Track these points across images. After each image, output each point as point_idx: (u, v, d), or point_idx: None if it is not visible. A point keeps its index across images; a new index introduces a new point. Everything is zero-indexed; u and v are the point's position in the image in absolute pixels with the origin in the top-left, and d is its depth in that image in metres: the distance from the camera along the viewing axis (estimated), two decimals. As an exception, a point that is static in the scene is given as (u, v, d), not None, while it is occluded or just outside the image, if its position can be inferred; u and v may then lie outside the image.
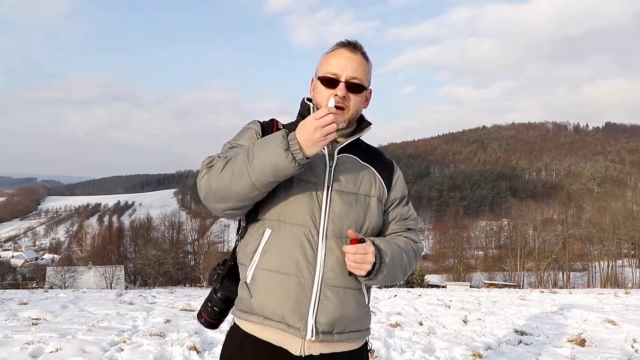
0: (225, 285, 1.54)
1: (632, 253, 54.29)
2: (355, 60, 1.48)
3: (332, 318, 1.41)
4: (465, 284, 46.60)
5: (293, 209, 1.42)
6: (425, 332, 5.93)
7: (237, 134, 1.55)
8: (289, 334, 1.40)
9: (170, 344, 4.55)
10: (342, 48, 1.50)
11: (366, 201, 1.51)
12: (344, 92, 1.46)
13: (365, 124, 1.57)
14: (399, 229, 1.60)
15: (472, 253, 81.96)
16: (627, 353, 5.08)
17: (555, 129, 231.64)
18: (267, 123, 1.56)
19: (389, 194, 1.58)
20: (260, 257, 1.43)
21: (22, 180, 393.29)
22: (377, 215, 1.53)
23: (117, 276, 42.23)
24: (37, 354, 4.12)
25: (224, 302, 1.55)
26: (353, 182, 1.49)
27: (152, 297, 8.75)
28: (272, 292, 1.40)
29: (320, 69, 1.52)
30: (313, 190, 1.44)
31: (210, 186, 1.38)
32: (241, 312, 1.46)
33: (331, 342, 1.43)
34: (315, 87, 1.54)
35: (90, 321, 5.71)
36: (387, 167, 1.61)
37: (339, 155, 1.51)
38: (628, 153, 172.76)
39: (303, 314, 1.38)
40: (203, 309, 1.57)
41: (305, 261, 1.40)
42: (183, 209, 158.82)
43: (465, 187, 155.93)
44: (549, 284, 45.19)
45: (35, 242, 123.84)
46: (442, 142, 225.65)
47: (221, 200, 1.38)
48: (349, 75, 1.46)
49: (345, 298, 1.43)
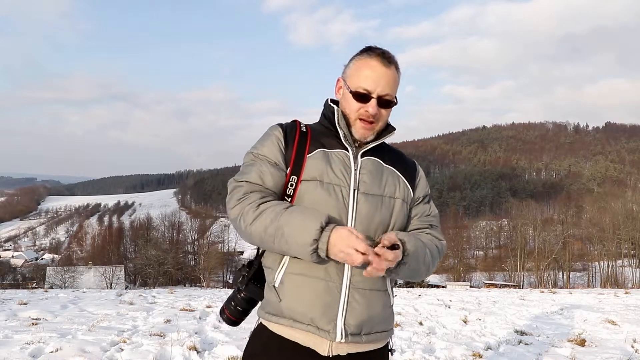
0: (250, 287, 1.55)
1: (632, 253, 54.27)
2: (389, 75, 1.47)
3: (360, 320, 1.44)
4: (465, 284, 46.60)
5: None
6: (425, 332, 5.93)
7: (259, 141, 1.56)
8: (318, 336, 1.42)
9: (170, 344, 4.55)
10: (375, 60, 1.47)
11: (391, 203, 1.52)
12: (376, 110, 1.47)
13: (390, 129, 1.58)
14: (422, 224, 1.61)
15: (472, 253, 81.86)
16: (627, 353, 5.08)
17: (555, 129, 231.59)
18: (289, 126, 1.56)
19: (413, 194, 1.60)
20: (289, 261, 1.44)
21: (22, 180, 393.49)
22: (403, 217, 1.55)
23: (117, 276, 42.20)
24: (37, 354, 4.11)
25: (247, 302, 1.56)
26: (378, 184, 1.51)
27: (152, 297, 8.76)
28: (301, 296, 1.42)
29: (352, 78, 1.50)
30: (339, 193, 1.45)
31: (238, 229, 1.46)
32: (270, 314, 1.48)
33: (359, 343, 1.46)
34: (344, 95, 1.53)
35: (90, 321, 5.71)
36: (410, 167, 1.63)
37: (362, 158, 1.52)
38: (628, 153, 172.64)
39: (332, 317, 1.41)
40: (226, 307, 1.59)
41: (334, 265, 1.41)
42: (183, 209, 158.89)
43: (465, 187, 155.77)
44: (549, 284, 45.20)
45: (35, 242, 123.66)
46: (442, 142, 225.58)
47: (246, 240, 1.49)
48: (382, 91, 1.46)
49: (372, 300, 1.46)
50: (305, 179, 1.46)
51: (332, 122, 1.54)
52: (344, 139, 1.51)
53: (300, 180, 1.47)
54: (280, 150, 1.50)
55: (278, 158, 1.49)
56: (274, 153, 1.50)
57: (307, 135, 1.53)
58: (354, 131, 1.51)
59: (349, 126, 1.52)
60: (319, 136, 1.54)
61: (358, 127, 1.49)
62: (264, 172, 1.47)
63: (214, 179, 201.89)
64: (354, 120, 1.50)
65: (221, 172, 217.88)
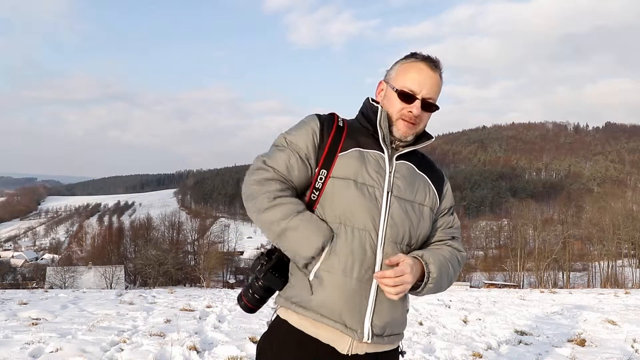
0: (269, 277, 1.53)
1: (632, 253, 54.26)
2: (434, 79, 1.50)
3: (385, 321, 1.46)
4: (465, 284, 46.55)
5: (354, 213, 1.44)
6: (425, 332, 5.93)
7: (295, 128, 1.55)
8: (343, 334, 1.43)
9: (170, 344, 4.55)
10: (422, 63, 1.50)
11: (420, 209, 1.54)
12: (419, 111, 1.48)
13: (427, 137, 1.59)
14: (445, 236, 1.63)
15: (472, 253, 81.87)
16: (627, 353, 5.08)
17: (555, 129, 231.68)
18: (327, 118, 1.55)
19: (440, 204, 1.61)
20: (325, 257, 1.44)
21: (22, 180, 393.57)
22: (429, 224, 1.57)
23: (117, 276, 42.21)
24: (37, 354, 4.11)
25: (265, 290, 1.55)
26: (410, 189, 1.52)
27: (152, 297, 8.75)
28: (334, 293, 1.42)
29: (397, 78, 1.52)
30: (373, 194, 1.46)
31: (246, 206, 1.51)
32: (296, 305, 1.47)
33: (379, 343, 1.47)
34: (388, 95, 1.54)
35: (90, 321, 5.70)
36: (439, 177, 1.64)
37: (397, 161, 1.52)
38: (628, 153, 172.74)
39: (361, 317, 1.43)
40: (244, 294, 1.57)
41: (368, 266, 1.43)
42: (183, 209, 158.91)
43: (465, 187, 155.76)
44: (549, 284, 45.17)
45: (35, 242, 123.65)
46: (442, 142, 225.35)
47: (250, 217, 1.53)
48: (426, 94, 1.48)
49: (396, 302, 1.49)
50: (338, 176, 1.46)
51: (370, 121, 1.54)
52: (382, 140, 1.51)
53: (329, 176, 1.47)
54: (313, 143, 1.49)
55: (309, 150, 1.49)
56: (307, 145, 1.49)
57: (344, 131, 1.52)
58: (394, 130, 1.51)
59: (389, 125, 1.52)
60: (355, 133, 1.53)
61: (400, 125, 1.50)
62: (292, 165, 1.48)
63: (214, 179, 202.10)
64: (396, 120, 1.50)
65: (221, 172, 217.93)
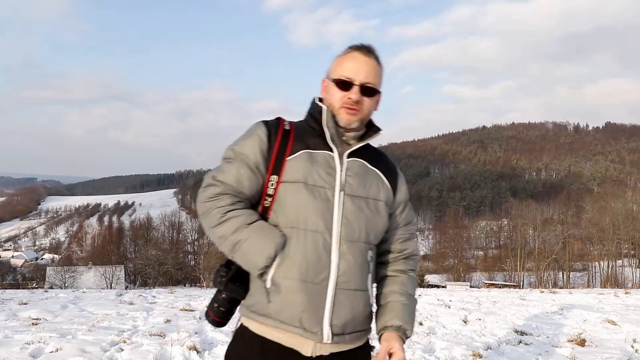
0: (230, 287, 1.52)
1: (632, 253, 54.28)
2: (370, 64, 1.50)
3: (345, 320, 1.44)
4: (465, 284, 46.62)
5: (307, 216, 1.43)
6: (425, 332, 5.93)
7: (242, 138, 1.54)
8: (303, 338, 1.42)
9: (170, 344, 4.55)
10: (356, 51, 1.52)
11: (375, 205, 1.53)
12: (359, 96, 1.48)
13: (375, 129, 1.58)
14: (404, 235, 1.63)
15: (472, 253, 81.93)
16: (627, 353, 5.08)
17: (555, 129, 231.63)
18: (273, 124, 1.54)
19: (394, 198, 1.61)
20: (278, 264, 1.43)
21: (22, 180, 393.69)
22: (385, 219, 1.56)
23: (117, 276, 42.19)
24: (37, 354, 4.12)
25: (229, 302, 1.54)
26: (363, 185, 1.51)
27: (152, 297, 8.76)
28: (290, 298, 1.41)
29: (334, 70, 1.53)
30: (324, 194, 1.45)
31: (202, 225, 1.52)
32: (255, 314, 1.47)
33: (342, 342, 1.46)
34: (328, 88, 1.54)
35: (90, 321, 5.71)
36: (392, 170, 1.63)
37: (348, 159, 1.52)
38: (628, 153, 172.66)
39: (320, 319, 1.41)
40: (210, 308, 1.56)
41: (322, 267, 1.42)
42: (183, 209, 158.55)
43: (465, 187, 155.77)
44: (549, 284, 45.19)
45: (35, 242, 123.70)
46: (442, 142, 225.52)
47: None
48: (363, 79, 1.48)
49: (356, 300, 1.47)
50: (288, 180, 1.45)
51: (318, 122, 1.52)
52: (330, 139, 1.50)
53: (280, 181, 1.46)
54: (261, 151, 1.48)
55: (258, 159, 1.47)
56: (255, 154, 1.48)
57: (290, 134, 1.51)
58: (338, 119, 1.49)
59: (334, 117, 1.51)
60: (303, 135, 1.52)
61: (342, 113, 1.49)
62: (242, 176, 1.47)
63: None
64: (338, 109, 1.49)
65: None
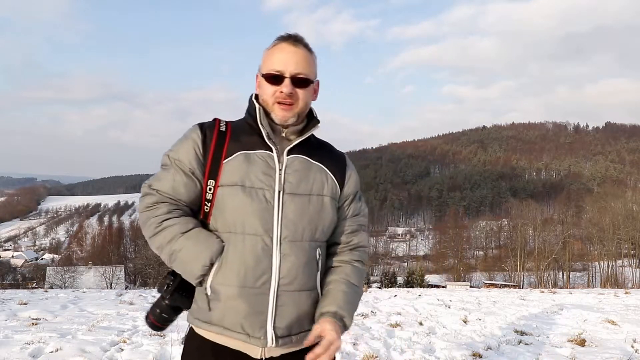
0: (176, 297, 1.50)
1: (632, 253, 54.35)
2: (299, 54, 1.43)
3: (289, 322, 1.41)
4: (465, 284, 46.59)
5: (244, 219, 1.39)
6: (425, 332, 5.92)
7: (177, 143, 1.49)
8: (249, 344, 1.40)
9: (170, 344, 4.55)
10: (283, 42, 1.45)
11: (319, 201, 1.47)
12: (291, 88, 1.41)
13: (315, 122, 1.51)
14: (352, 226, 1.58)
15: (472, 253, 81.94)
16: (627, 353, 5.08)
17: (555, 129, 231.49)
18: (208, 126, 1.48)
19: (342, 191, 1.55)
20: (216, 270, 1.40)
21: (22, 180, 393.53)
22: (332, 214, 1.50)
23: (117, 276, 42.17)
24: (37, 354, 4.12)
25: (172, 310, 1.52)
26: (305, 183, 1.46)
27: (152, 297, 8.75)
28: (231, 305, 1.39)
29: (264, 65, 1.46)
30: (263, 196, 1.40)
31: (147, 239, 1.48)
32: (200, 321, 1.45)
33: (289, 344, 1.44)
34: (260, 84, 1.48)
35: (90, 321, 5.71)
36: (339, 163, 1.57)
37: (288, 156, 1.46)
38: (628, 153, 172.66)
39: (262, 323, 1.38)
40: (151, 312, 1.53)
41: (262, 271, 1.38)
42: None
43: (465, 187, 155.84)
44: (549, 284, 45.20)
45: (35, 242, 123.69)
46: (442, 142, 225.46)
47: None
48: (294, 70, 1.42)
49: (301, 300, 1.43)
50: (225, 183, 1.41)
51: (255, 120, 1.47)
52: (267, 137, 1.44)
53: (218, 185, 1.41)
54: (196, 156, 1.44)
55: (193, 164, 1.43)
56: (190, 159, 1.43)
57: (226, 136, 1.46)
58: (273, 116, 1.44)
59: (267, 115, 1.46)
60: (240, 135, 1.47)
61: (276, 109, 1.43)
62: (178, 183, 1.43)
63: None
64: (272, 105, 1.44)
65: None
